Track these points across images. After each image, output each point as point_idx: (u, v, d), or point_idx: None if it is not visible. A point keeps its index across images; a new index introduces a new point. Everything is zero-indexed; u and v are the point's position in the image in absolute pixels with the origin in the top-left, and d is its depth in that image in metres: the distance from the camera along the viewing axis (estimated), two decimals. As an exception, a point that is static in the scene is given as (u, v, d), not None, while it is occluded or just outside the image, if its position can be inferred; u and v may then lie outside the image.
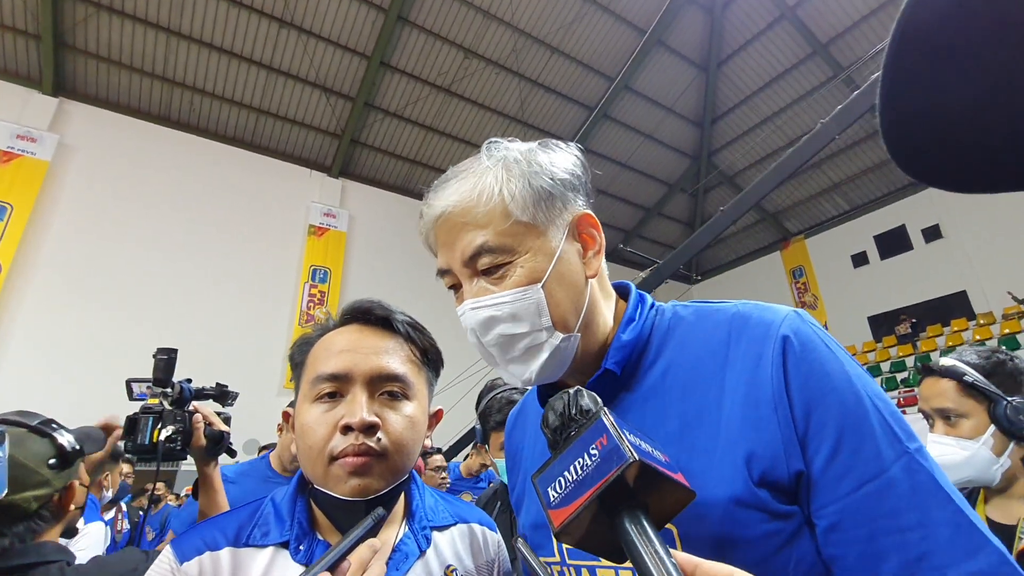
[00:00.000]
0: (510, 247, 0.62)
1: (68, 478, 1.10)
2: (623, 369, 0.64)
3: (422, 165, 13.58)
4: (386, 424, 0.72)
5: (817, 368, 0.55)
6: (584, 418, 0.47)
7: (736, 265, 17.67)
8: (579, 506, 0.41)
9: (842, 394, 0.53)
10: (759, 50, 13.17)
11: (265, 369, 10.35)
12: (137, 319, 9.43)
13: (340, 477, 0.69)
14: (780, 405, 0.54)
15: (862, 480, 0.50)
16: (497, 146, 0.68)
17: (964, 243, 12.48)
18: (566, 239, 0.65)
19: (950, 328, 12.24)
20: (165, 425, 1.38)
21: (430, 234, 0.69)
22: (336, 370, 0.73)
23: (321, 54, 11.15)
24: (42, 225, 9.16)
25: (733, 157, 15.34)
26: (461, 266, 0.65)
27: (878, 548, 0.49)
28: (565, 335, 0.63)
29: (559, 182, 0.65)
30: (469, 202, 0.64)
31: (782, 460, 0.53)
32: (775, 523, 0.52)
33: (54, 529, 1.11)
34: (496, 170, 0.65)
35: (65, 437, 1.09)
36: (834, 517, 0.51)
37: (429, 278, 3.97)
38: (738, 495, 0.53)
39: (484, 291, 0.64)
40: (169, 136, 10.96)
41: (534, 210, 0.63)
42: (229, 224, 11.05)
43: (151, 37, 10.09)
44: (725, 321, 0.62)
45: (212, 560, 0.70)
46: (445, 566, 0.78)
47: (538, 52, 12.41)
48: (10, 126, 9.15)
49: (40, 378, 8.25)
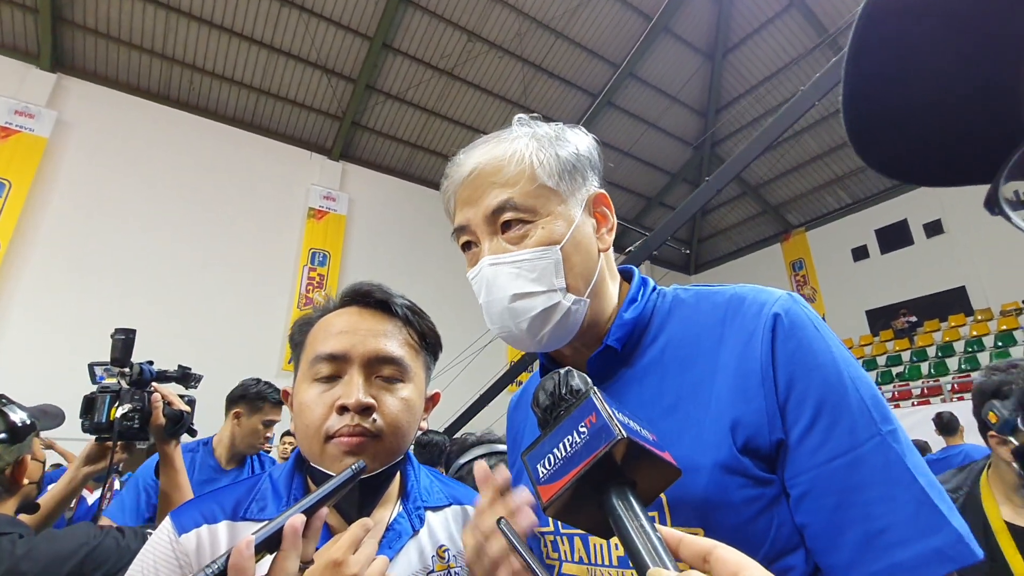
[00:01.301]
0: (533, 208, 0.66)
1: (19, 452, 1.13)
2: (624, 346, 0.68)
3: (423, 149, 13.49)
4: (382, 406, 0.73)
5: (804, 345, 0.58)
6: (574, 398, 0.48)
7: (736, 256, 17.67)
8: (567, 482, 0.42)
9: (825, 371, 0.56)
10: (766, 39, 13.04)
11: (263, 351, 10.38)
12: (134, 297, 9.43)
13: (335, 456, 0.71)
14: (766, 378, 0.57)
15: (835, 453, 0.53)
16: (527, 120, 0.74)
17: (965, 239, 12.46)
18: (583, 212, 0.69)
19: (947, 323, 12.28)
20: (122, 403, 1.39)
21: (455, 193, 0.72)
22: (334, 351, 0.75)
23: (323, 34, 11.03)
24: (40, 202, 9.12)
25: (737, 148, 15.26)
26: (483, 222, 0.68)
27: (842, 518, 0.51)
28: (577, 298, 0.66)
29: (583, 158, 0.71)
30: (500, 162, 0.68)
31: (765, 429, 0.56)
32: (756, 489, 0.55)
33: (8, 502, 1.13)
34: (526, 139, 0.70)
35: (17, 414, 1.12)
36: (805, 486, 0.54)
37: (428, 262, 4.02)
38: (723, 461, 0.56)
39: (503, 249, 0.66)
40: (168, 115, 10.87)
41: (559, 178, 0.67)
42: (228, 205, 11.00)
43: (150, 13, 9.96)
44: (723, 302, 0.65)
45: (210, 533, 0.71)
46: (438, 546, 0.79)
47: (542, 36, 12.28)
48: (8, 101, 9.06)
49: (37, 354, 8.26)
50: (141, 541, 1.12)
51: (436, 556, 0.78)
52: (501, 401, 11.08)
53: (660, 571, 0.37)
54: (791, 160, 14.76)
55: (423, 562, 0.76)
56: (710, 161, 15.68)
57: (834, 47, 11.96)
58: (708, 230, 17.97)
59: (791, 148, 14.29)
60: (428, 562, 0.77)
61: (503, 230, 0.67)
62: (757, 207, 16.54)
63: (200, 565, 0.67)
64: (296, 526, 0.52)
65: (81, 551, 1.05)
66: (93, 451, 1.46)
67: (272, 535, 0.50)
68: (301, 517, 0.52)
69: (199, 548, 0.69)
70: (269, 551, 0.50)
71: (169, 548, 0.69)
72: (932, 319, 12.61)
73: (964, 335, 11.78)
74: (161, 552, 0.69)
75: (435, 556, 0.78)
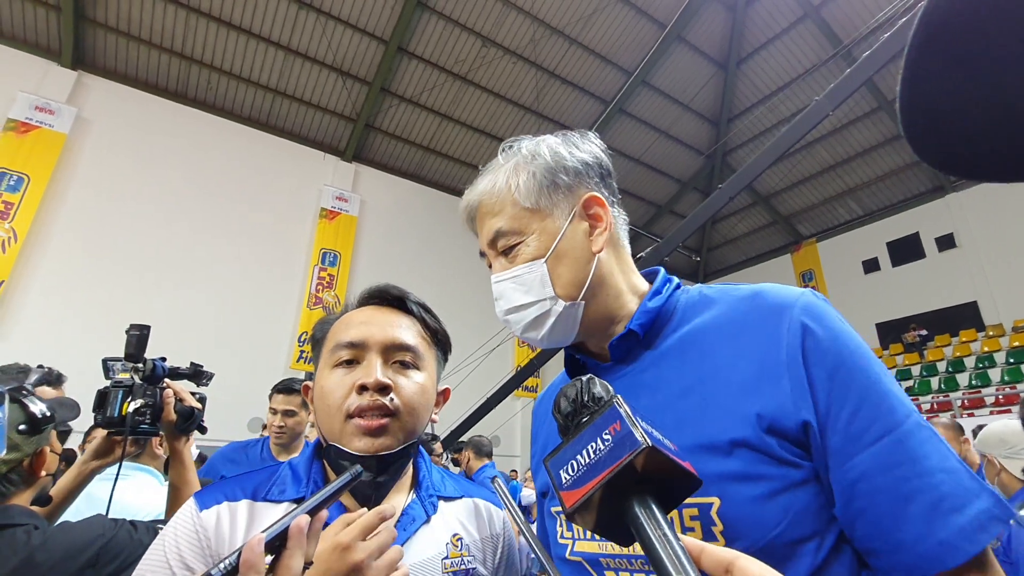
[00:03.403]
0: (518, 230, 0.74)
1: (38, 444, 1.13)
2: (646, 332, 0.72)
3: (435, 153, 13.57)
4: (398, 387, 0.79)
5: (835, 334, 0.61)
6: (596, 405, 0.48)
7: (745, 266, 17.59)
8: (591, 488, 0.43)
9: (858, 359, 0.59)
10: (780, 49, 13.02)
11: (272, 348, 10.46)
12: (147, 292, 9.54)
13: (355, 434, 0.76)
14: (793, 363, 0.59)
15: (884, 431, 0.55)
16: (509, 147, 0.79)
17: (978, 253, 12.34)
18: (575, 219, 0.74)
19: (959, 338, 12.15)
20: (135, 398, 1.40)
21: (472, 226, 0.82)
22: (354, 338, 0.81)
23: (339, 37, 11.14)
24: (58, 197, 9.26)
25: (749, 157, 15.21)
26: (488, 248, 0.78)
27: (903, 491, 0.53)
28: (569, 303, 0.72)
29: (563, 170, 0.74)
30: (488, 195, 0.77)
31: (791, 412, 0.58)
32: (778, 468, 0.57)
33: (24, 494, 1.13)
34: (507, 166, 0.76)
35: (36, 405, 1.12)
36: (861, 467, 0.55)
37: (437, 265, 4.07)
38: (743, 438, 0.58)
39: (503, 267, 0.76)
40: (185, 113, 11.02)
41: (537, 197, 0.73)
42: (242, 203, 11.11)
43: (171, 13, 10.11)
44: (748, 295, 0.69)
45: (230, 510, 0.75)
46: (452, 534, 0.82)
47: (556, 43, 12.33)
48: (29, 97, 9.22)
49: (53, 347, 8.37)
50: (153, 535, 1.13)
51: (450, 543, 0.81)
52: (507, 405, 11.08)
53: None
54: (803, 171, 14.70)
55: (436, 548, 0.79)
56: (721, 170, 15.64)
57: (848, 58, 11.90)
58: (718, 239, 17.91)
59: (803, 159, 14.23)
60: (442, 548, 0.79)
61: (502, 251, 0.76)
62: (768, 217, 16.47)
63: (219, 541, 0.71)
64: (301, 526, 0.54)
65: (96, 543, 1.06)
66: (102, 445, 1.48)
67: (279, 534, 0.53)
68: (306, 518, 0.55)
69: (219, 524, 0.73)
70: (276, 551, 0.52)
71: (191, 523, 0.72)
72: (943, 334, 12.49)
73: (975, 350, 11.66)
74: (183, 527, 0.72)
75: (449, 543, 0.81)
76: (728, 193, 7.16)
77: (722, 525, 0.57)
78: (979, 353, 11.48)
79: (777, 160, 6.97)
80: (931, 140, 0.34)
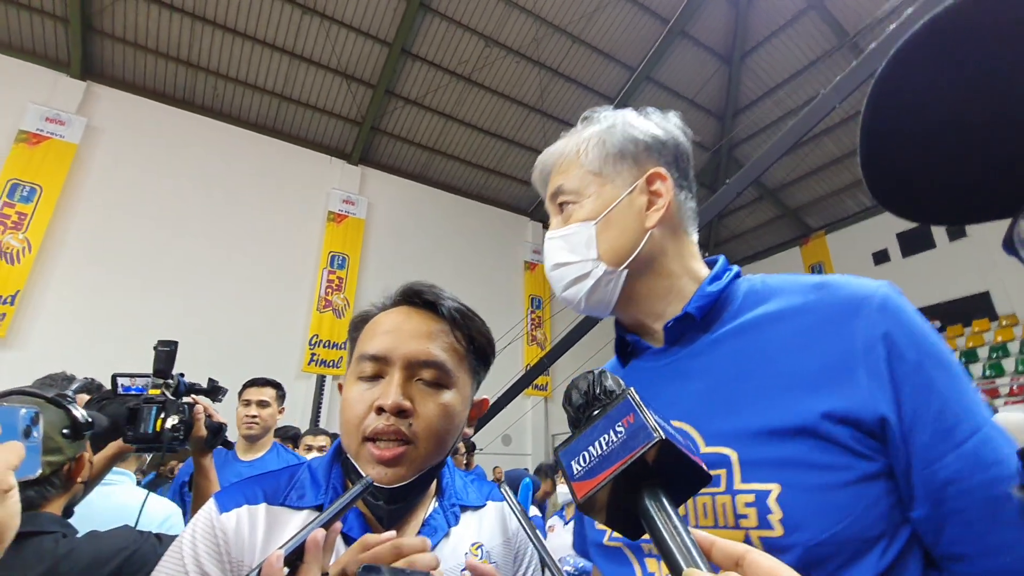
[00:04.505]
0: (577, 190, 0.76)
1: (79, 449, 1.15)
2: (704, 315, 0.71)
3: (441, 154, 13.59)
4: (419, 410, 0.73)
5: (917, 330, 0.59)
6: (607, 398, 0.48)
7: (754, 260, 17.49)
8: (603, 479, 0.43)
9: (940, 355, 0.58)
10: (784, 42, 12.93)
11: (283, 353, 10.53)
12: (159, 300, 9.63)
13: (369, 461, 0.72)
14: (871, 354, 0.57)
15: (971, 431, 0.53)
16: (589, 116, 0.82)
17: (989, 243, 12.21)
18: (635, 192, 0.75)
19: (971, 329, 12.05)
20: (169, 415, 1.41)
21: (540, 183, 0.85)
22: (376, 351, 0.76)
23: (343, 41, 11.19)
24: (70, 206, 9.36)
25: (755, 151, 15.13)
26: (549, 203, 0.81)
27: (997, 493, 0.51)
28: (609, 268, 0.73)
29: (632, 142, 0.76)
30: (559, 156, 0.81)
31: (868, 404, 0.55)
32: (847, 458, 0.55)
33: (59, 500, 1.14)
34: (584, 133, 0.80)
35: (79, 411, 1.13)
36: (953, 467, 0.53)
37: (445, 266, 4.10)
38: (809, 425, 0.56)
39: (557, 225, 0.79)
40: (193, 121, 11.10)
41: (602, 163, 0.76)
42: (250, 208, 11.19)
43: (176, 21, 10.19)
44: (816, 285, 0.67)
45: (250, 513, 0.73)
46: (471, 543, 0.81)
47: (559, 41, 12.31)
48: (40, 108, 9.33)
49: (66, 355, 8.48)
50: None
51: (469, 552, 0.79)
52: (518, 404, 11.10)
53: (695, 572, 0.37)
54: (810, 163, 14.60)
55: (456, 559, 0.77)
56: (728, 165, 15.56)
57: (854, 50, 11.82)
58: (726, 234, 17.82)
59: (810, 151, 14.14)
60: (461, 559, 0.77)
61: (560, 211, 0.79)
62: (776, 210, 16.38)
63: (237, 545, 0.70)
64: (318, 540, 0.54)
65: (121, 555, 1.06)
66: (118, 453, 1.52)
67: (296, 548, 0.54)
68: (322, 531, 0.55)
69: (238, 527, 0.71)
70: (292, 564, 0.54)
71: (209, 525, 0.71)
72: (955, 324, 12.38)
73: (988, 341, 11.55)
74: (201, 528, 0.71)
75: (468, 553, 0.79)
76: (735, 188, 7.14)
77: (781, 513, 0.54)
78: (992, 343, 11.37)
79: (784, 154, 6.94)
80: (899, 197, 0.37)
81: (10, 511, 0.58)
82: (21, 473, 0.60)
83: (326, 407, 10.58)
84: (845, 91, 6.05)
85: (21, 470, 0.60)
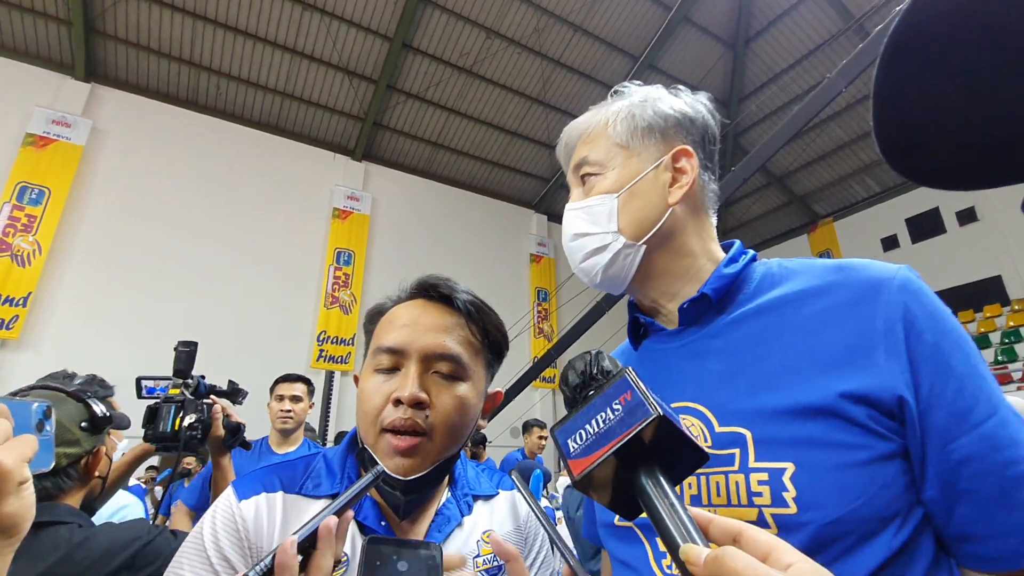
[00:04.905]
0: (602, 161, 0.76)
1: (97, 443, 1.17)
2: (720, 297, 0.71)
3: (444, 148, 13.57)
4: (435, 403, 0.74)
5: (936, 312, 0.59)
6: (604, 379, 0.48)
7: (761, 248, 17.35)
8: (600, 456, 0.42)
9: (958, 338, 0.58)
10: (789, 26, 12.76)
11: (292, 350, 10.60)
12: (168, 299, 9.72)
13: (387, 452, 0.73)
14: (891, 336, 0.57)
15: (988, 413, 0.53)
16: (619, 90, 0.82)
17: (1000, 226, 12.06)
18: (660, 168, 0.75)
19: (983, 314, 11.92)
20: (187, 414, 1.44)
21: (564, 154, 0.85)
22: (393, 344, 0.77)
23: (343, 36, 11.17)
24: (78, 208, 9.45)
25: (761, 138, 14.98)
26: (572, 174, 0.81)
27: (1013, 475, 0.51)
28: (629, 242, 0.73)
29: (662, 118, 0.76)
30: (587, 127, 0.80)
31: (887, 384, 0.55)
32: (864, 437, 0.55)
33: (77, 493, 1.16)
34: (610, 105, 0.80)
35: (98, 405, 1.16)
36: (968, 448, 0.53)
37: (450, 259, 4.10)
38: (826, 404, 0.56)
39: (578, 197, 0.78)
40: (197, 120, 11.15)
41: (628, 137, 0.75)
42: (256, 207, 11.24)
43: (177, 21, 10.22)
44: (834, 267, 0.67)
45: (268, 501, 0.74)
46: (483, 531, 0.82)
47: (561, 31, 12.22)
48: (45, 111, 9.40)
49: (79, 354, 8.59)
50: None
51: (481, 540, 0.81)
52: (526, 396, 11.12)
53: (692, 547, 0.37)
54: (817, 149, 14.44)
55: (469, 547, 0.79)
56: (733, 152, 15.43)
57: (860, 32, 11.64)
58: (732, 222, 17.70)
59: (817, 136, 13.98)
60: (474, 547, 0.79)
61: (582, 183, 0.78)
62: (783, 198, 16.24)
63: (256, 532, 0.71)
64: (330, 527, 0.55)
65: (133, 546, 1.07)
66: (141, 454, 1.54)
67: (309, 535, 0.54)
68: (334, 519, 0.56)
69: (257, 515, 0.72)
70: (306, 551, 0.54)
71: (229, 512, 0.73)
72: (966, 310, 12.24)
73: (1000, 326, 11.43)
74: (221, 515, 0.73)
75: (480, 541, 0.80)
76: (741, 175, 7.08)
77: (795, 491, 0.55)
78: (1004, 328, 11.24)
79: (790, 140, 6.86)
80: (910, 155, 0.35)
81: (25, 503, 0.59)
82: (35, 466, 0.61)
83: (335, 402, 10.67)
84: (851, 74, 5.96)
85: (35, 463, 0.61)
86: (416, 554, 0.56)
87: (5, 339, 8.43)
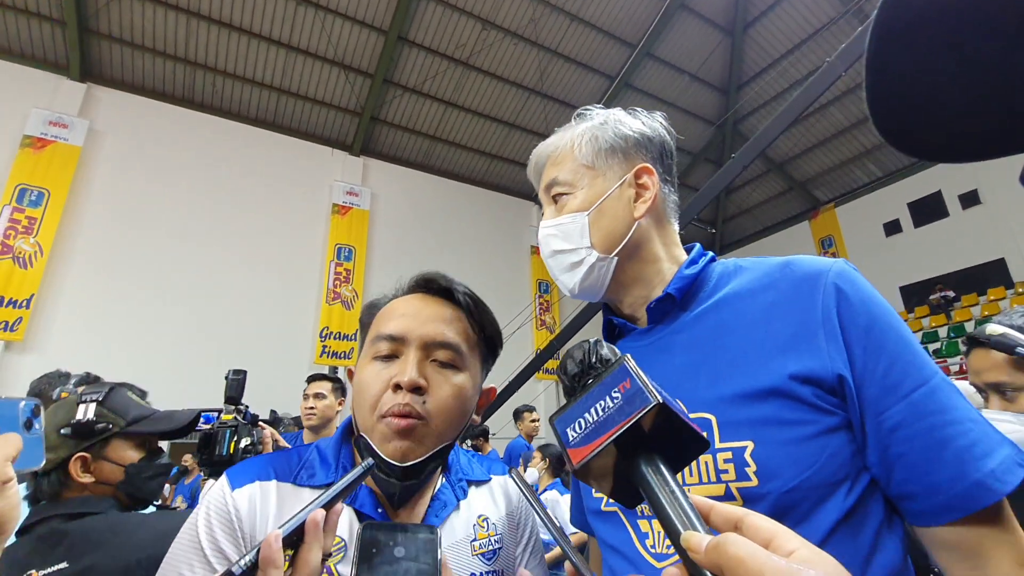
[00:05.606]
0: (571, 182, 0.82)
1: (75, 449, 1.14)
2: (683, 296, 0.78)
3: (442, 141, 13.51)
4: (433, 389, 0.76)
5: (868, 298, 0.66)
6: (603, 367, 0.48)
7: (763, 236, 17.31)
8: (600, 444, 0.42)
9: (889, 319, 0.65)
10: (787, 10, 12.64)
11: (295, 347, 10.63)
12: (169, 299, 9.74)
13: (385, 435, 0.73)
14: (828, 321, 0.64)
15: (916, 384, 0.60)
16: (582, 114, 0.88)
17: (1003, 209, 11.99)
18: (624, 185, 0.81)
19: (986, 297, 11.88)
20: (242, 437, 1.52)
21: (534, 175, 0.91)
22: (394, 332, 0.78)
23: (339, 31, 11.10)
24: (78, 209, 9.45)
25: (760, 124, 14.89)
26: (543, 194, 0.87)
27: (938, 438, 0.58)
28: (602, 255, 0.80)
29: (622, 139, 0.82)
30: (554, 149, 0.86)
31: (827, 365, 0.62)
32: (812, 414, 0.62)
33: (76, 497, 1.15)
34: (574, 127, 0.86)
35: (89, 412, 1.14)
36: (898, 416, 0.59)
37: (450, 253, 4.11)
38: (777, 386, 0.63)
39: (551, 215, 0.85)
40: (193, 118, 11.11)
41: (594, 157, 0.82)
42: (255, 204, 11.22)
43: (171, 19, 10.15)
44: (781, 264, 0.74)
45: (262, 489, 0.74)
46: (478, 515, 0.84)
47: (557, 20, 12.13)
48: (43, 112, 9.38)
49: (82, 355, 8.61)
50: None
51: (477, 524, 0.82)
52: (529, 387, 11.14)
53: (693, 534, 0.37)
54: (817, 134, 14.36)
55: (465, 531, 0.80)
56: (733, 139, 15.34)
57: (859, 15, 11.54)
58: (733, 209, 17.64)
59: (817, 122, 13.90)
60: (470, 530, 0.81)
61: (554, 202, 0.84)
62: (783, 184, 16.16)
63: (250, 522, 0.71)
64: (317, 520, 0.53)
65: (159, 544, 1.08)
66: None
67: (296, 529, 0.53)
68: (322, 512, 0.54)
69: (251, 504, 0.72)
70: (293, 545, 0.53)
71: (223, 501, 0.72)
72: (970, 293, 12.20)
73: (1004, 309, 11.38)
74: (215, 504, 0.72)
75: (476, 524, 0.82)
76: (741, 162, 7.04)
77: (755, 466, 0.61)
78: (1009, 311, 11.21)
79: (790, 125, 6.83)
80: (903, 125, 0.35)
81: (10, 502, 0.58)
82: (23, 465, 0.60)
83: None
84: (850, 58, 5.90)
85: (23, 462, 0.60)
86: (414, 538, 0.55)
87: (10, 341, 8.45)
